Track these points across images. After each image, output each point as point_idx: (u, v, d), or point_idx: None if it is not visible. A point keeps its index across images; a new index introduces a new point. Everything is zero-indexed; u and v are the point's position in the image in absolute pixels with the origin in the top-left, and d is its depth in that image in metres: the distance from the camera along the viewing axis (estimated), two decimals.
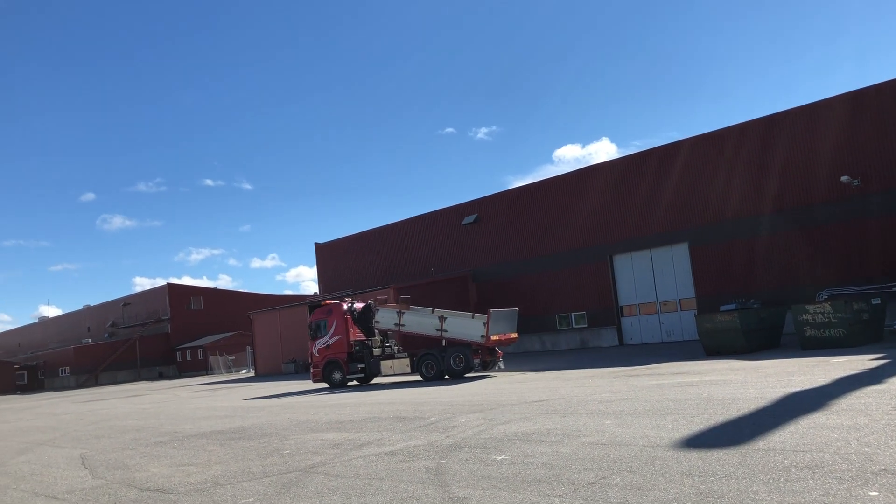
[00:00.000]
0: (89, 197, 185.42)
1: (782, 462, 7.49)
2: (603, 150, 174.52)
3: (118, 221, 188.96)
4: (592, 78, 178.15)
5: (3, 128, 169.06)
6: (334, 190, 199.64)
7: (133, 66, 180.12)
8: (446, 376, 26.64)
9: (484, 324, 25.80)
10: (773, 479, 6.86)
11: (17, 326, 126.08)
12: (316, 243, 61.23)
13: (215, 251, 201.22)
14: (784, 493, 6.35)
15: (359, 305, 30.33)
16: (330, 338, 29.62)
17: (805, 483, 6.59)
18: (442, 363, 26.56)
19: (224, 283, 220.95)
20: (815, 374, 15.50)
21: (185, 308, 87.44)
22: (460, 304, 46.16)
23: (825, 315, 22.63)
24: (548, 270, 43.90)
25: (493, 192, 48.79)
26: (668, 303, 38.88)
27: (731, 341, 24.48)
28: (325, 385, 29.64)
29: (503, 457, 9.40)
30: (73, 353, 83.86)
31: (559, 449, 9.55)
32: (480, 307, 46.82)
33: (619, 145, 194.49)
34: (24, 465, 13.96)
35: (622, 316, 40.84)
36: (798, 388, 13.27)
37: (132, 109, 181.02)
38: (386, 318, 28.60)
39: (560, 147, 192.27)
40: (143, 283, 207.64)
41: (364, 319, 29.65)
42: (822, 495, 6.16)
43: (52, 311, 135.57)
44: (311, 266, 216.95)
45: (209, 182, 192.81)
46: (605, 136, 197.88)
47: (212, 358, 74.56)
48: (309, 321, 31.15)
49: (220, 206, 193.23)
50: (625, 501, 6.62)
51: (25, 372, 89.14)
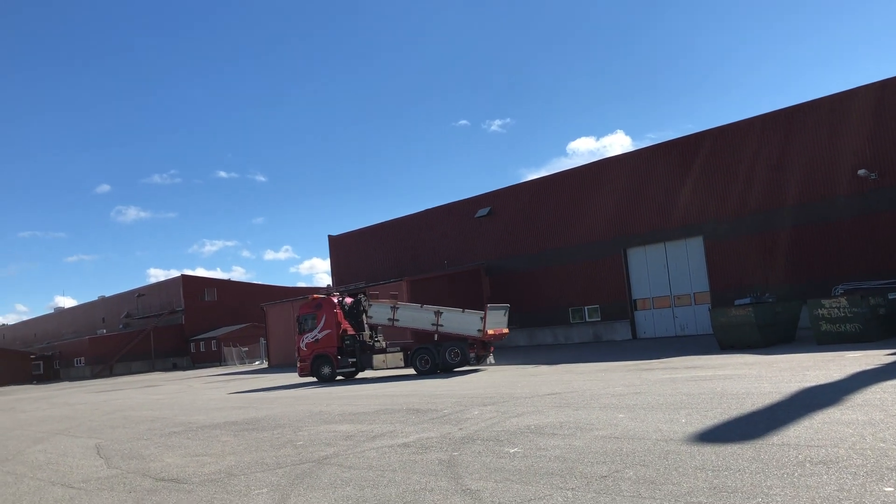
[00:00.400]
0: (104, 189, 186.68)
1: (797, 457, 7.45)
2: (618, 143, 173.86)
3: (133, 213, 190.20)
4: (607, 70, 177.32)
5: (19, 120, 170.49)
6: (348, 182, 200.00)
7: (148, 58, 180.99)
8: (439, 370, 26.88)
9: (481, 318, 26.29)
10: (788, 473, 6.82)
11: (34, 317, 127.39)
12: (329, 236, 61.46)
13: (229, 243, 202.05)
14: (798, 487, 6.32)
15: (349, 300, 30.31)
16: (319, 332, 29.35)
17: (819, 478, 6.56)
18: (437, 357, 26.78)
19: (237, 274, 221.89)
20: (831, 369, 15.40)
21: (199, 299, 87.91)
22: (473, 297, 46.19)
23: (841, 310, 22.45)
24: (561, 264, 43.80)
25: (507, 185, 48.73)
26: (683, 296, 38.70)
27: (745, 336, 24.34)
28: (314, 379, 29.48)
29: (516, 449, 9.40)
30: (89, 343, 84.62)
31: (572, 442, 9.54)
32: (493, 300, 46.85)
33: (634, 138, 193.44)
34: (40, 455, 14.12)
35: (636, 310, 40.70)
36: (813, 383, 13.19)
37: (147, 101, 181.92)
38: (379, 313, 28.62)
39: (574, 140, 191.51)
40: (157, 275, 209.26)
41: (354, 314, 29.64)
42: (837, 490, 6.13)
43: (67, 302, 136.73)
44: (324, 258, 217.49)
45: (223, 174, 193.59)
46: (620, 129, 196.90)
47: (225, 349, 75.02)
48: (297, 315, 30.93)
49: (234, 198, 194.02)
50: (638, 495, 6.61)
51: (41, 362, 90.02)
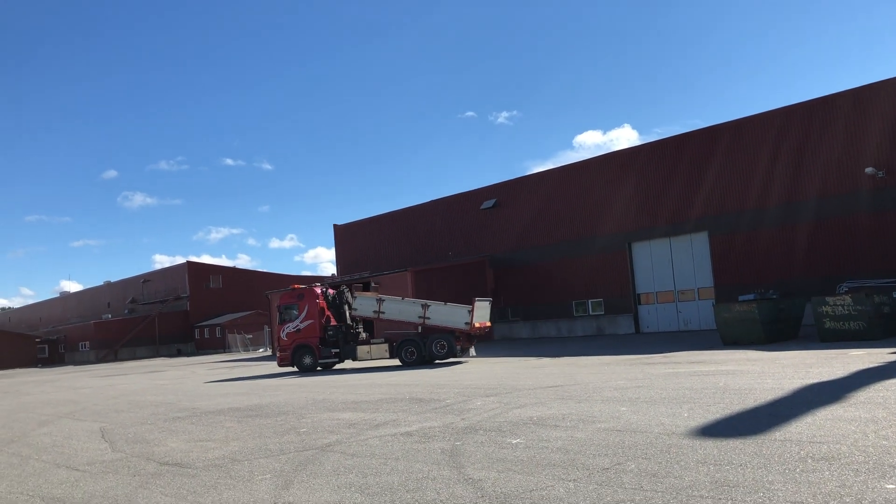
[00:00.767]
0: (111, 174, 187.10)
1: (799, 453, 7.47)
2: (624, 137, 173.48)
3: (139, 199, 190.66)
4: (615, 64, 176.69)
5: (26, 104, 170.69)
6: (354, 172, 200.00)
7: (157, 45, 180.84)
8: (425, 362, 27.14)
9: (469, 311, 26.87)
10: (790, 469, 6.84)
11: (39, 301, 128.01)
12: (334, 225, 61.50)
13: (234, 230, 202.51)
14: (800, 483, 6.34)
15: (332, 291, 30.30)
16: (301, 322, 29.20)
17: (821, 474, 6.58)
18: (423, 349, 27.08)
19: (242, 262, 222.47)
20: (834, 366, 15.40)
21: (204, 286, 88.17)
22: (477, 288, 46.22)
23: (845, 307, 22.43)
24: (566, 257, 43.80)
25: (513, 177, 48.69)
26: (686, 291, 38.69)
27: (748, 332, 24.35)
28: (295, 369, 29.34)
29: (518, 440, 9.44)
30: (94, 328, 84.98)
31: (574, 434, 9.57)
32: (497, 292, 47.01)
33: (641, 132, 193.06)
34: (45, 437, 14.21)
35: (639, 304, 40.71)
36: (816, 380, 13.19)
37: (155, 88, 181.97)
38: (364, 305, 28.63)
39: (581, 133, 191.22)
40: (162, 261, 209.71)
41: (337, 304, 29.65)
42: (839, 487, 6.14)
43: (73, 287, 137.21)
44: (328, 247, 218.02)
45: (230, 161, 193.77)
46: (627, 123, 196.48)
47: (229, 336, 75.28)
48: (277, 304, 30.62)
49: (240, 186, 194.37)
50: (640, 487, 6.64)
51: (46, 346, 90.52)
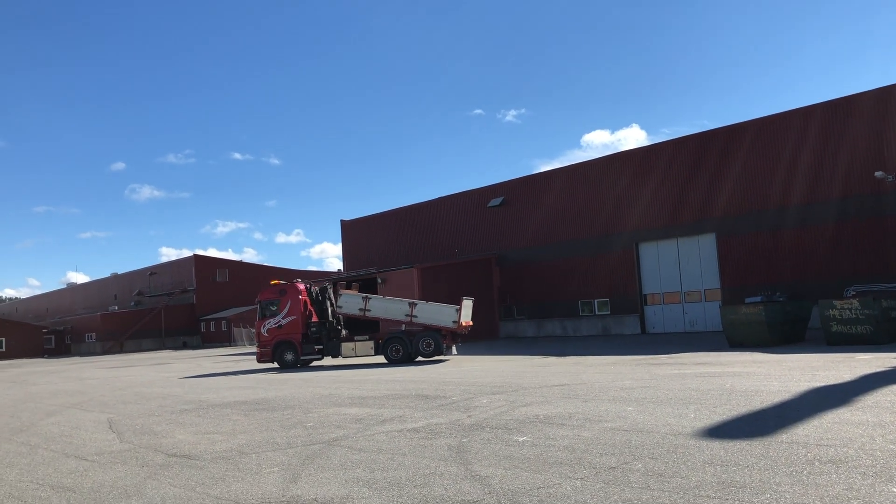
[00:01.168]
0: (119, 166, 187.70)
1: (805, 455, 7.48)
2: (632, 137, 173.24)
3: (147, 192, 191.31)
4: (624, 64, 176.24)
5: (36, 95, 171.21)
6: (361, 168, 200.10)
7: (167, 38, 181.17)
8: (411, 359, 27.40)
9: (457, 310, 27.28)
10: (797, 471, 6.85)
11: (46, 291, 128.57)
12: (342, 220, 61.55)
13: (241, 224, 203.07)
14: (807, 485, 6.35)
15: (315, 288, 30.31)
16: (283, 318, 28.94)
17: (828, 477, 6.59)
18: (410, 347, 27.32)
19: (249, 256, 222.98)
20: (841, 369, 15.37)
21: (210, 280, 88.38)
22: (483, 286, 46.28)
23: (852, 311, 22.38)
24: (572, 256, 43.76)
25: (521, 176, 48.64)
26: (693, 293, 38.63)
27: (755, 334, 24.31)
28: (275, 365, 29.11)
29: (525, 438, 9.47)
30: (100, 319, 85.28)
31: (580, 433, 9.60)
32: (503, 290, 47.03)
33: (649, 132, 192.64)
34: (53, 427, 14.29)
35: (645, 304, 40.66)
36: (823, 383, 13.17)
37: (164, 81, 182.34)
38: (350, 303, 28.61)
39: (589, 132, 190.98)
40: (168, 254, 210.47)
41: (320, 301, 29.65)
42: (846, 489, 6.15)
43: (79, 278, 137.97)
44: (335, 243, 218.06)
45: (238, 156, 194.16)
46: (635, 123, 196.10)
47: (235, 330, 75.41)
48: (258, 300, 30.20)
49: (248, 180, 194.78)
50: (647, 487, 6.66)
51: (53, 336, 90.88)
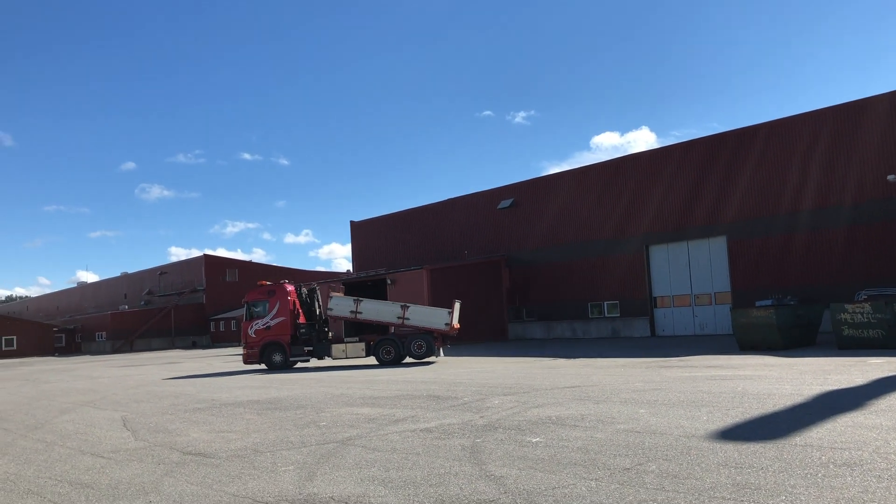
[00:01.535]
0: (129, 166, 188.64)
1: (820, 458, 7.49)
2: (642, 139, 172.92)
3: (157, 191, 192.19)
4: (634, 66, 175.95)
5: (47, 94, 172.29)
6: (370, 169, 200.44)
7: (177, 38, 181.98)
8: (402, 361, 27.61)
9: (449, 313, 27.59)
10: (811, 473, 6.87)
11: (56, 290, 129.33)
12: (351, 221, 61.76)
13: (250, 225, 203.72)
14: (822, 488, 6.36)
15: (304, 289, 30.40)
16: (271, 319, 28.82)
17: (843, 479, 6.60)
18: (402, 348, 27.51)
19: (258, 256, 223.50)
20: (853, 373, 15.34)
21: (220, 279, 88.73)
22: (492, 288, 46.31)
23: (864, 315, 22.29)
24: (582, 258, 43.73)
25: (531, 177, 48.67)
26: (703, 296, 38.55)
27: (766, 337, 24.25)
28: (263, 367, 28.97)
29: (538, 439, 9.50)
30: (110, 318, 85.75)
31: (594, 434, 9.63)
32: (513, 292, 47.02)
33: (659, 135, 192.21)
34: (68, 425, 14.40)
35: (655, 307, 40.60)
36: (835, 387, 13.16)
37: (174, 81, 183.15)
38: (341, 305, 28.64)
39: (598, 134, 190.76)
40: (178, 254, 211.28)
41: (308, 303, 29.72)
42: (861, 492, 6.16)
43: (89, 277, 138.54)
44: (343, 244, 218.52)
45: (247, 156, 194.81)
46: (645, 125, 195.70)
47: None
48: (244, 301, 29.99)
49: (257, 181, 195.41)
50: (661, 488, 6.69)
51: (63, 335, 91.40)
